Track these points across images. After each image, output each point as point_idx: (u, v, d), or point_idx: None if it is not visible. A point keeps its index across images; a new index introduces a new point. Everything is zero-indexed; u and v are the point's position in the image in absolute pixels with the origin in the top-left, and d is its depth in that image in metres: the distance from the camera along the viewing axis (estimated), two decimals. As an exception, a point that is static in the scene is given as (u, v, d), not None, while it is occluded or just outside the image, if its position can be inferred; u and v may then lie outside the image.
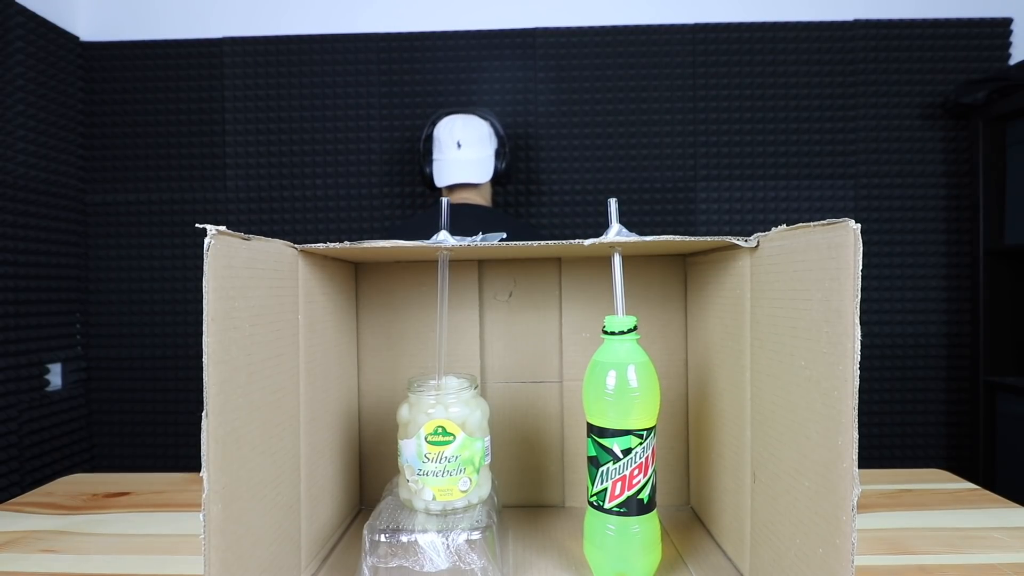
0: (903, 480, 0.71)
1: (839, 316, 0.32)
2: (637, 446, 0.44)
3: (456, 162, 1.29)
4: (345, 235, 1.64)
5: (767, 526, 0.43)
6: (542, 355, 0.63)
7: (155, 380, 1.66)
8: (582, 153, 1.64)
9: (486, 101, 1.63)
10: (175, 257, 1.66)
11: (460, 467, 0.46)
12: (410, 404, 0.48)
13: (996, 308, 1.52)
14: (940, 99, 1.59)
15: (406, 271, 0.62)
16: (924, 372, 1.61)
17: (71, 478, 0.76)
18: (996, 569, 0.49)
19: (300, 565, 0.47)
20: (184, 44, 1.65)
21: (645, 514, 0.45)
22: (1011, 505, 0.62)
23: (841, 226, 0.32)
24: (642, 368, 0.44)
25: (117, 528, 0.60)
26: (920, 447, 1.61)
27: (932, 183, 1.61)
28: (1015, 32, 1.61)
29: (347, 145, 1.65)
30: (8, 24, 1.41)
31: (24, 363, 1.43)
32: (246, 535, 0.37)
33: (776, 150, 1.62)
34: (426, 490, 0.46)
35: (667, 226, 1.63)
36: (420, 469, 0.46)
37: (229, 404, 0.35)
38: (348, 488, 0.60)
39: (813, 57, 1.61)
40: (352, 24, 1.66)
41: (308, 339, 0.49)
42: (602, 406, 0.44)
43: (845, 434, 0.32)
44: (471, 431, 0.47)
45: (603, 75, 1.63)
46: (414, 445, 0.47)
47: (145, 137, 1.66)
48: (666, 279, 0.62)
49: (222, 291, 0.35)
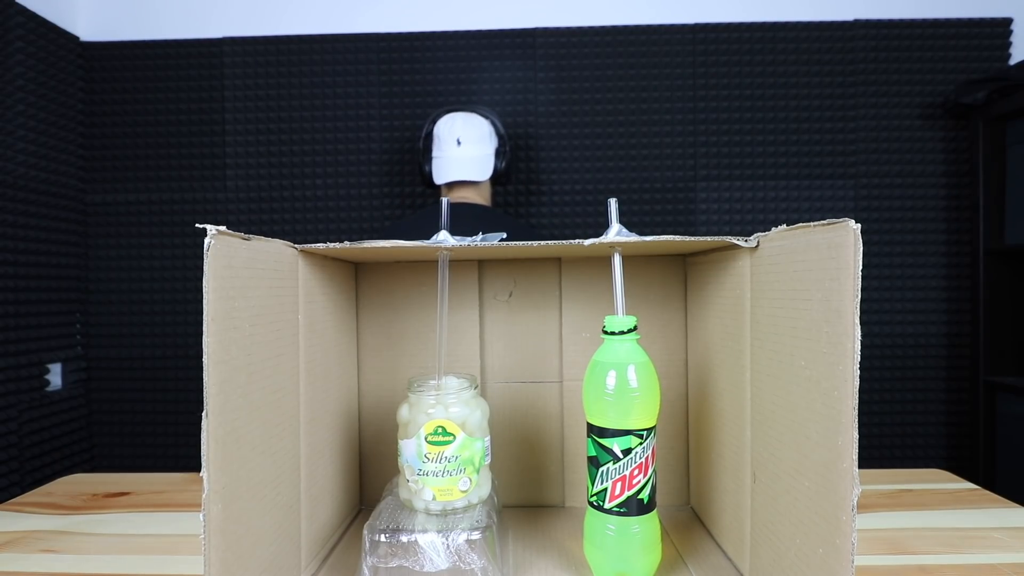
0: (903, 480, 0.71)
1: (839, 316, 0.32)
2: (637, 446, 0.44)
3: (455, 159, 1.28)
4: (345, 235, 1.64)
5: (767, 526, 0.43)
6: (542, 355, 0.63)
7: (155, 380, 1.66)
8: (582, 153, 1.64)
9: (486, 101, 1.63)
10: (175, 257, 1.66)
11: (460, 467, 0.46)
12: (410, 404, 0.48)
13: (996, 308, 1.52)
14: (940, 99, 1.59)
15: (406, 271, 0.62)
16: (924, 372, 1.61)
17: (71, 478, 0.76)
18: (996, 569, 0.49)
19: (300, 565, 0.47)
20: (184, 44, 1.65)
21: (645, 514, 0.45)
22: (1011, 505, 0.62)
23: (841, 226, 0.32)
24: (642, 368, 0.44)
25: (117, 528, 0.60)
26: (920, 447, 1.61)
27: (932, 183, 1.61)
28: (1015, 32, 1.61)
29: (347, 145, 1.65)
30: (8, 24, 1.41)
31: (24, 363, 1.43)
32: (246, 535, 0.37)
33: (776, 150, 1.62)
34: (426, 490, 0.46)
35: (667, 226, 1.63)
36: (420, 469, 0.46)
37: (229, 404, 0.35)
38: (348, 488, 0.60)
39: (813, 57, 1.61)
40: (352, 24, 1.66)
41: (308, 339, 0.49)
42: (602, 406, 0.44)
43: (845, 434, 0.32)
44: (471, 431, 0.47)
45: (603, 75, 1.63)
46: (414, 445, 0.46)
47: (145, 137, 1.66)
48: (666, 279, 0.62)
49: (222, 291, 0.35)
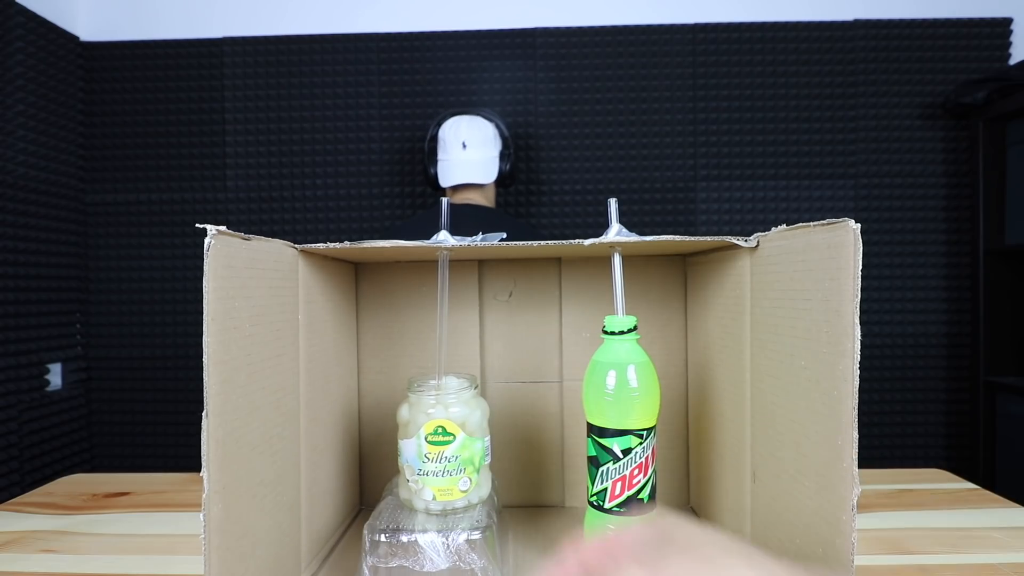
0: (903, 480, 0.71)
1: (839, 316, 0.32)
2: (637, 446, 0.44)
3: (461, 163, 1.29)
4: (345, 235, 1.64)
5: (767, 526, 0.42)
6: (542, 355, 0.63)
7: (155, 380, 1.66)
8: (582, 153, 1.64)
9: (486, 101, 1.63)
10: (175, 257, 1.66)
11: (460, 467, 0.46)
12: (410, 404, 0.48)
13: (996, 308, 1.52)
14: (940, 99, 1.59)
15: (406, 271, 0.62)
16: (924, 372, 1.61)
17: (71, 478, 0.76)
18: (996, 569, 0.49)
19: (300, 565, 0.47)
20: (184, 44, 1.65)
21: (645, 514, 0.45)
22: (1011, 505, 0.62)
23: (841, 226, 0.32)
24: (642, 368, 0.44)
25: (117, 528, 0.60)
26: (920, 447, 1.61)
27: (932, 183, 1.61)
28: (1015, 32, 1.61)
29: (347, 145, 1.65)
30: (8, 24, 1.41)
31: (24, 363, 1.43)
32: (246, 535, 0.37)
33: (776, 150, 1.62)
34: (426, 490, 0.46)
35: (667, 226, 1.63)
36: (420, 469, 0.46)
37: (229, 404, 0.35)
38: (348, 488, 0.60)
39: (813, 57, 1.61)
40: (352, 24, 1.66)
41: (308, 339, 0.49)
42: (602, 406, 0.44)
43: (845, 434, 0.32)
44: (471, 431, 0.47)
45: (603, 75, 1.63)
46: (414, 445, 0.46)
47: (145, 137, 1.66)
48: (666, 279, 0.62)
49: (222, 291, 0.35)
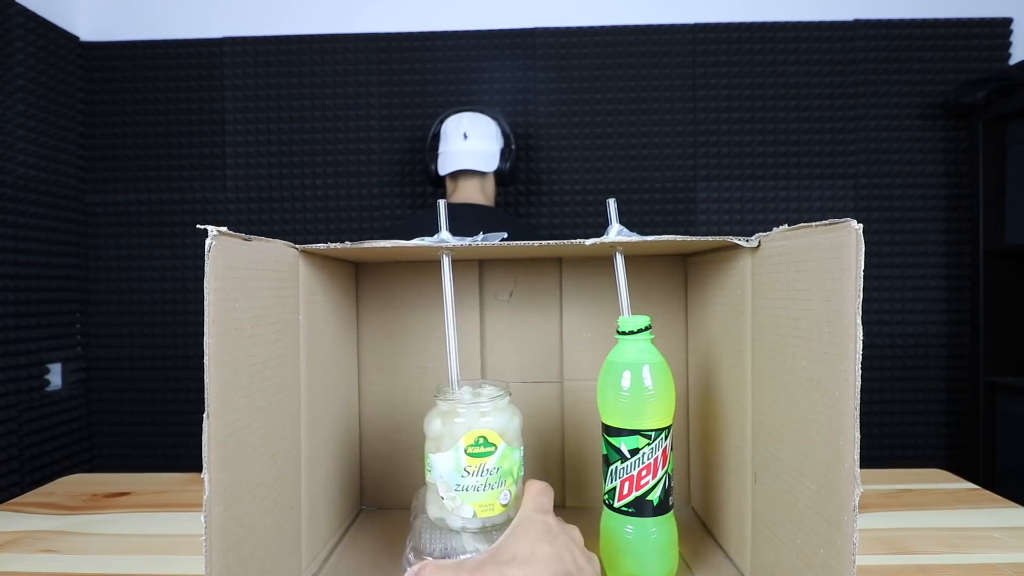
0: (903, 480, 0.71)
1: (840, 316, 0.32)
2: (645, 446, 0.44)
3: (461, 151, 1.30)
4: (345, 235, 1.64)
5: (768, 526, 0.42)
6: (543, 355, 0.63)
7: (155, 380, 1.66)
8: (582, 153, 1.64)
9: (486, 101, 1.63)
10: (175, 257, 1.66)
11: (501, 479, 0.43)
12: (443, 414, 0.45)
13: (996, 308, 1.52)
14: (940, 99, 1.59)
15: (406, 271, 0.62)
16: (924, 372, 1.61)
17: (71, 478, 0.76)
18: (996, 569, 0.49)
19: (300, 566, 0.47)
20: (184, 44, 1.65)
21: (657, 516, 0.44)
22: (1011, 505, 0.62)
23: (843, 226, 0.32)
24: (653, 369, 0.44)
25: (117, 528, 0.60)
26: (920, 447, 1.61)
27: (932, 183, 1.61)
28: (1015, 32, 1.61)
29: (347, 145, 1.65)
30: (8, 24, 1.41)
31: (24, 363, 1.43)
32: (247, 536, 0.37)
33: (776, 150, 1.62)
34: (465, 507, 0.43)
35: (667, 226, 1.62)
36: (459, 484, 0.43)
37: (230, 405, 0.35)
38: (348, 489, 0.60)
39: (813, 57, 1.61)
40: (352, 24, 1.66)
41: (309, 339, 0.49)
42: (610, 405, 0.45)
43: (847, 434, 0.32)
44: (510, 440, 0.44)
45: (603, 75, 1.63)
46: (451, 458, 0.43)
47: (145, 137, 1.66)
48: (666, 279, 0.62)
49: (223, 292, 0.35)
